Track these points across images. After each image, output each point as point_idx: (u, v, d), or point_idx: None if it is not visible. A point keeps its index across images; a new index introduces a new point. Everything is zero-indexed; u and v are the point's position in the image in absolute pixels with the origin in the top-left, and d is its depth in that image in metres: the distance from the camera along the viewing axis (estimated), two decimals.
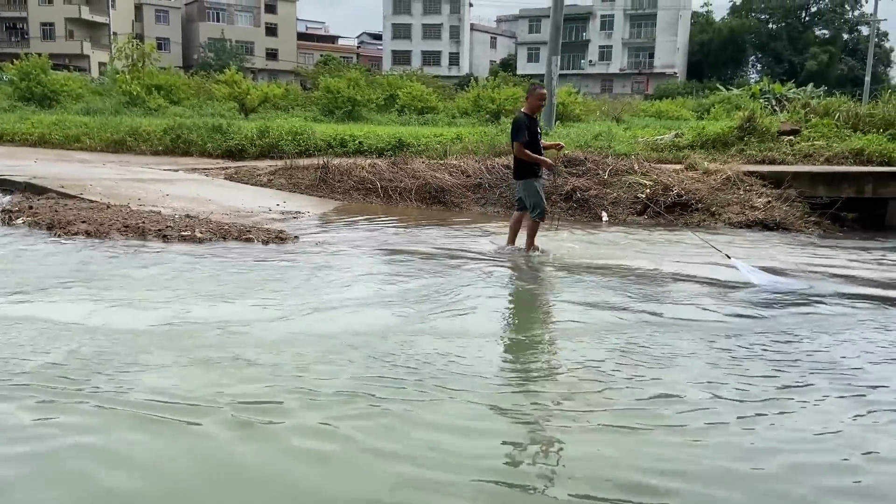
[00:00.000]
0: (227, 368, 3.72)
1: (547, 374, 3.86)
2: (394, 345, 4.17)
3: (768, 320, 5.00)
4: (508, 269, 6.54)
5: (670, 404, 3.42)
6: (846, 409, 3.44)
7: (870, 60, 42.55)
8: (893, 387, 3.78)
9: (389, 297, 5.32)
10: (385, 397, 3.41)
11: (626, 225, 9.51)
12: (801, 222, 9.29)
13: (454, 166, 11.52)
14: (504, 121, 19.07)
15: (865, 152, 11.66)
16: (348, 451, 2.90)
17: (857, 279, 6.47)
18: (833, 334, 4.70)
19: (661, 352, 4.20)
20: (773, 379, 3.80)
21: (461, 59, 68.35)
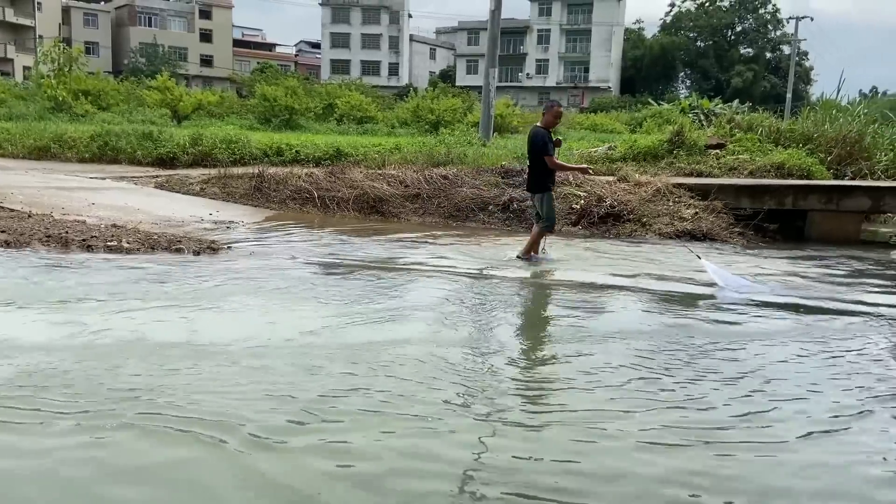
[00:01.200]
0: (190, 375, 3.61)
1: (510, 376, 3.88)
2: (338, 356, 4.12)
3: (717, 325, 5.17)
4: (448, 278, 6.55)
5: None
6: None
7: (791, 78, 44.71)
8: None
9: (328, 308, 5.26)
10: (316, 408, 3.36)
11: (561, 235, 9.66)
12: (726, 233, 9.63)
13: (393, 176, 11.50)
14: (444, 131, 19.18)
15: (786, 166, 12.19)
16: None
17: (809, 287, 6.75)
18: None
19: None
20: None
21: (401, 69, 68.47)
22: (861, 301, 6.22)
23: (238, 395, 3.51)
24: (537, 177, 7.36)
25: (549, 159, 7.19)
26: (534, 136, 7.31)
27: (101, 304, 5.01)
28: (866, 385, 4.03)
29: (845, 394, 3.88)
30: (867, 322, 5.54)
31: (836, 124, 13.88)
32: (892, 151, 13.62)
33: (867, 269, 7.99)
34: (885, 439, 3.34)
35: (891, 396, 3.88)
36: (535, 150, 7.26)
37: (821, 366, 4.39)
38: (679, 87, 65.48)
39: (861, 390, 3.94)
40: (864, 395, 3.87)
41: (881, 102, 24.55)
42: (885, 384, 4.07)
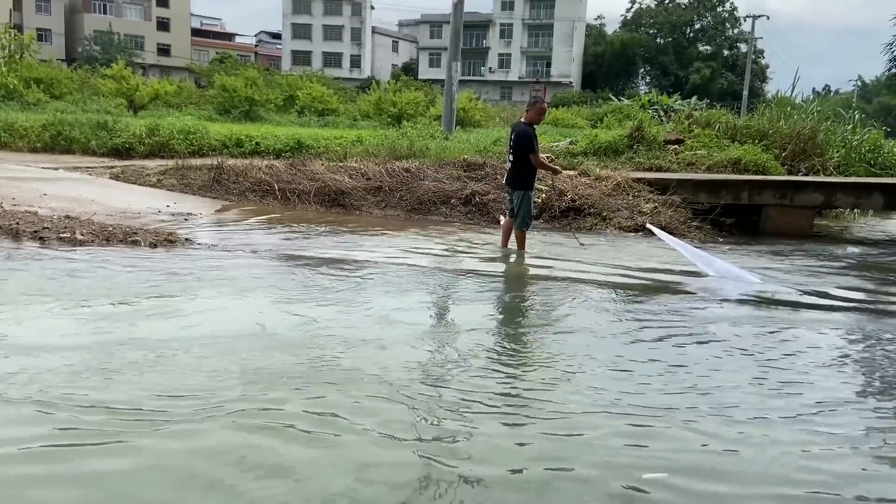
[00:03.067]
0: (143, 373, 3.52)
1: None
2: (297, 347, 4.08)
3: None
4: (410, 272, 6.53)
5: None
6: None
7: (747, 76, 45.66)
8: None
9: (289, 300, 5.19)
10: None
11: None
12: (684, 227, 9.79)
13: (354, 169, 11.42)
14: (406, 125, 19.13)
15: (742, 161, 12.45)
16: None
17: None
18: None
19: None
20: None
21: (363, 61, 67.97)
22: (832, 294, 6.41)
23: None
24: (519, 174, 7.34)
25: (535, 157, 7.17)
26: (519, 133, 7.26)
27: (45, 299, 4.86)
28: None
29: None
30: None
31: (791, 121, 14.22)
32: (844, 148, 14.05)
33: (825, 263, 8.22)
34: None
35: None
36: (520, 147, 7.21)
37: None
38: (639, 82, 66.35)
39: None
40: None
41: (833, 100, 25.27)
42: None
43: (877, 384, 4.10)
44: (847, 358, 4.56)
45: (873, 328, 5.33)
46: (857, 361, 4.53)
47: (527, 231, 7.61)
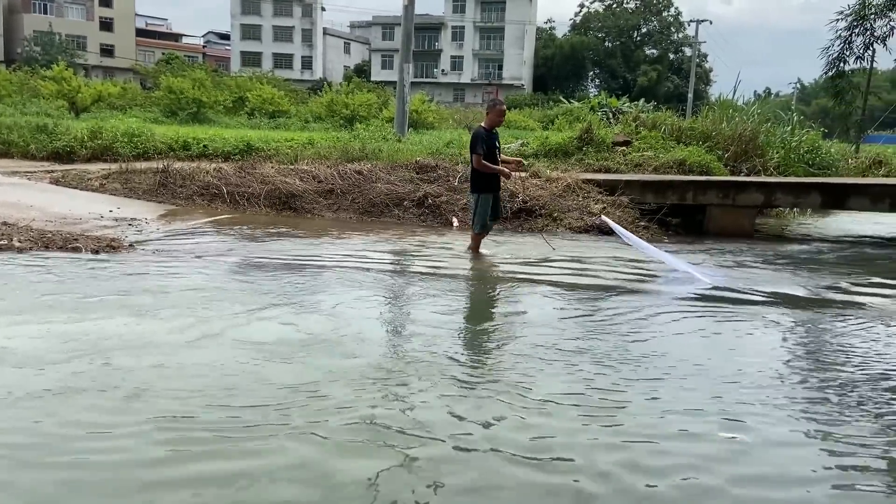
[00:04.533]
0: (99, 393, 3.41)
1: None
2: (248, 356, 4.02)
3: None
4: (362, 275, 6.50)
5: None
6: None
7: (692, 79, 46.84)
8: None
9: (238, 308, 5.11)
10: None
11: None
12: (632, 227, 9.95)
13: (306, 171, 11.31)
14: (359, 126, 19.03)
15: (687, 162, 12.76)
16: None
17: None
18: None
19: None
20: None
21: (314, 63, 67.37)
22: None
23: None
24: (472, 177, 7.39)
25: (476, 159, 7.14)
26: (471, 136, 7.35)
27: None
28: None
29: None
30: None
31: (733, 123, 14.64)
32: (783, 149, 14.51)
33: (763, 259, 8.49)
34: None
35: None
36: (470, 148, 7.29)
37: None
38: (589, 85, 67.45)
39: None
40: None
41: (773, 103, 26.12)
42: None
43: (795, 375, 4.26)
44: (779, 351, 4.73)
45: (810, 323, 5.53)
46: (790, 353, 4.69)
47: (483, 234, 7.59)
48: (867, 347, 4.84)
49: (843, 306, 6.11)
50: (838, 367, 4.40)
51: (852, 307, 6.07)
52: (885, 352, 4.75)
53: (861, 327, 5.39)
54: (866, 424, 3.49)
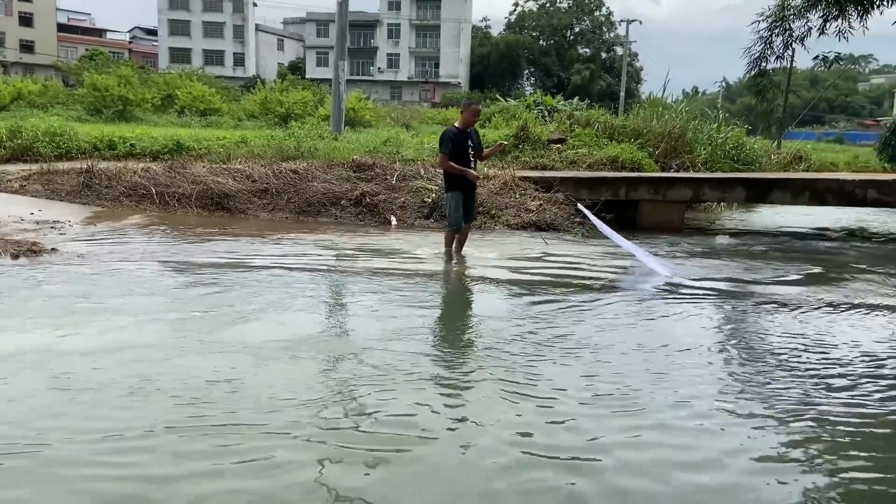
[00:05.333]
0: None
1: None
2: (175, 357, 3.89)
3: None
4: (299, 274, 6.40)
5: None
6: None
7: (623, 77, 47.92)
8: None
9: (171, 313, 4.95)
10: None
11: (414, 228, 9.76)
12: (568, 223, 10.16)
13: (239, 171, 11.06)
14: (294, 125, 18.72)
15: (620, 159, 13.07)
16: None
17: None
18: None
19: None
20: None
21: (247, 59, 65.91)
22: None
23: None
24: (444, 175, 7.43)
25: (441, 157, 7.19)
26: (441, 134, 7.36)
27: None
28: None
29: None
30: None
31: (663, 121, 15.07)
32: (710, 146, 15.04)
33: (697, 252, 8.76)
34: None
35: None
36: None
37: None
38: (524, 83, 68.20)
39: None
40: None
41: (701, 101, 27.00)
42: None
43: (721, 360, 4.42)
44: (710, 339, 4.90)
45: (742, 312, 5.74)
46: (721, 342, 4.86)
47: (455, 232, 7.46)
48: (786, 334, 5.05)
49: (765, 296, 6.36)
50: (759, 352, 4.58)
51: (774, 297, 6.33)
52: (803, 338, 4.97)
53: (781, 316, 5.63)
54: (786, 404, 3.64)
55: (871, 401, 3.81)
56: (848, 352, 4.71)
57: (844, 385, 4.05)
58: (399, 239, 8.80)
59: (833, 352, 4.70)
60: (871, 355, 4.65)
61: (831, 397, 3.84)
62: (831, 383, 4.06)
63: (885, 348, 4.85)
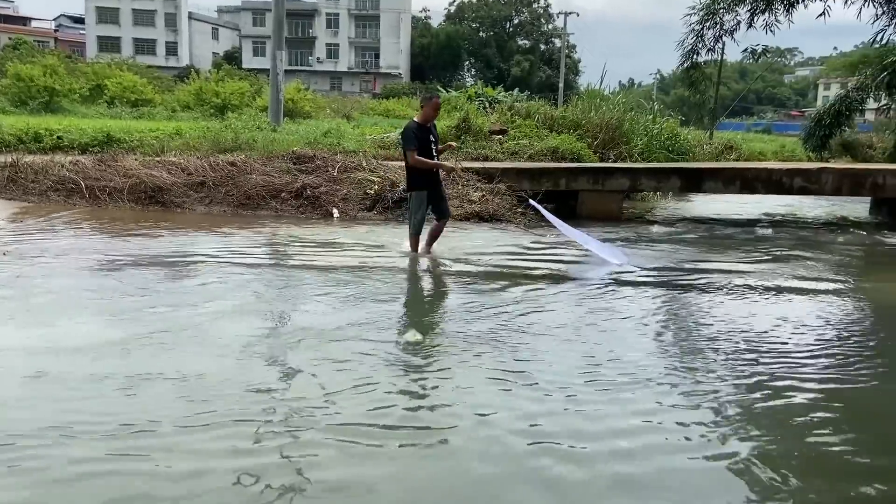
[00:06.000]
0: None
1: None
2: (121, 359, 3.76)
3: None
4: (243, 270, 6.26)
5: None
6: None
7: (562, 69, 48.53)
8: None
9: (108, 312, 4.78)
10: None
11: (357, 221, 9.68)
12: (510, 213, 10.24)
13: (173, 163, 10.75)
14: (230, 116, 18.30)
15: (560, 150, 13.24)
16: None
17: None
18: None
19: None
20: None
21: (180, 49, 63.94)
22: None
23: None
24: (407, 174, 7.03)
25: (410, 155, 6.70)
26: (402, 132, 7.00)
27: None
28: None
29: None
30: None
31: (600, 112, 15.31)
32: (646, 136, 15.37)
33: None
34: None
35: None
36: (402, 147, 6.90)
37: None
38: (465, 75, 68.36)
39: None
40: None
41: (637, 92, 27.66)
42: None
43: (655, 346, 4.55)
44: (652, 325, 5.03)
45: (679, 300, 5.91)
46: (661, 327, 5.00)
47: (418, 235, 7.15)
48: (720, 317, 5.24)
49: (700, 281, 6.57)
50: (695, 334, 4.74)
51: (708, 282, 6.54)
52: (735, 322, 5.16)
53: (714, 300, 5.83)
54: (720, 384, 3.78)
55: (794, 374, 4.00)
56: (789, 331, 4.92)
57: (772, 361, 4.22)
58: (335, 231, 8.72)
59: (775, 332, 4.91)
60: (799, 333, 4.87)
61: (758, 374, 4.00)
62: (763, 360, 4.23)
63: (811, 328, 5.09)
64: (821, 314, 5.64)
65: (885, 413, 3.71)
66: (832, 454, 3.17)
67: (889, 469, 3.08)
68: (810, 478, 2.95)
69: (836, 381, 4.04)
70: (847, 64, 28.34)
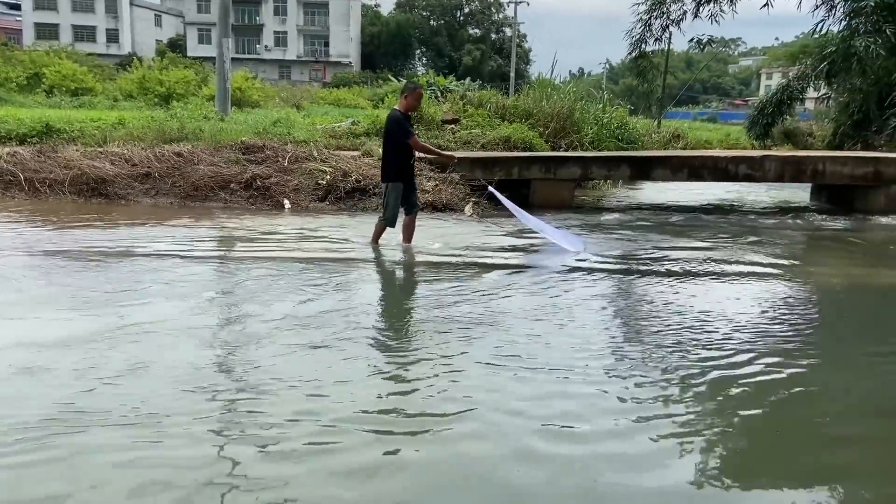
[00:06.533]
0: None
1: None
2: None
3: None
4: (190, 262, 6.12)
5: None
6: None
7: (513, 58, 48.78)
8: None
9: (57, 305, 4.61)
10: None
11: (309, 211, 9.56)
12: (463, 203, 10.26)
13: (117, 154, 10.44)
14: (176, 105, 17.83)
15: (512, 139, 13.29)
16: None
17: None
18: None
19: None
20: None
21: (121, 36, 61.97)
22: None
23: None
24: (387, 164, 6.83)
25: (414, 141, 6.64)
26: (388, 120, 6.83)
27: None
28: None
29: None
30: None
31: (551, 101, 15.42)
32: (596, 125, 15.55)
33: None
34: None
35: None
36: (391, 136, 6.72)
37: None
38: (417, 63, 68.05)
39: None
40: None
41: (587, 82, 27.97)
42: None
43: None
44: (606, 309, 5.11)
45: (634, 285, 6.02)
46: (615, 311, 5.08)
47: (387, 226, 7.00)
48: (674, 301, 5.35)
49: (653, 267, 6.69)
50: (649, 317, 4.83)
51: (662, 268, 6.67)
52: (685, 307, 5.28)
53: (668, 285, 5.95)
54: (665, 367, 3.87)
55: (734, 355, 4.12)
56: (731, 316, 5.06)
57: (716, 343, 4.34)
58: (290, 223, 8.60)
59: (723, 312, 5.04)
60: (743, 314, 5.01)
61: (704, 354, 4.10)
62: (709, 343, 4.34)
63: (755, 312, 5.24)
64: (766, 296, 5.83)
65: (823, 386, 3.86)
66: (772, 423, 3.34)
67: (831, 438, 3.20)
68: (748, 443, 3.07)
69: (778, 356, 4.20)
70: (788, 54, 29.19)
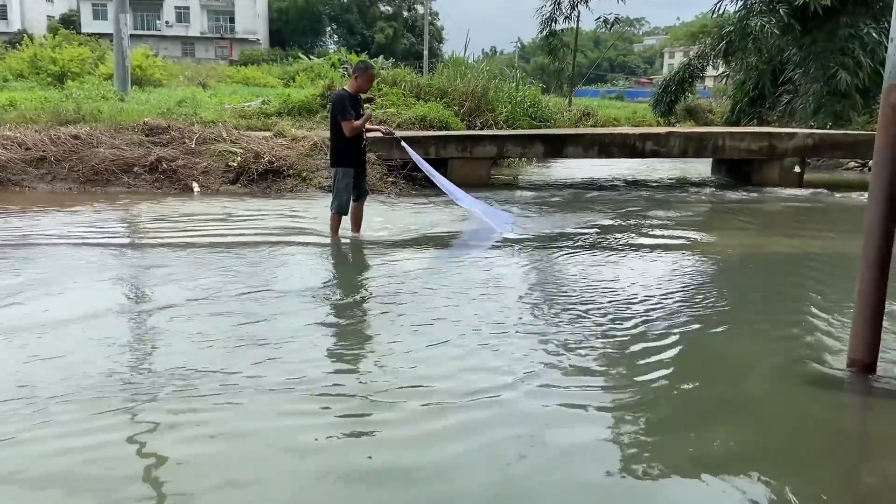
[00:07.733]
0: None
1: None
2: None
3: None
4: (100, 250, 5.81)
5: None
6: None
7: (426, 37, 48.40)
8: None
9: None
10: None
11: (220, 195, 9.25)
12: (381, 183, 10.17)
13: (8, 138, 9.79)
14: (71, 84, 16.85)
15: (428, 118, 13.25)
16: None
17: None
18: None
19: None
20: None
21: (10, 12, 57.70)
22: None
23: None
24: (336, 148, 6.50)
25: (347, 123, 6.20)
26: (332, 101, 6.50)
27: None
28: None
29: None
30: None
31: (466, 80, 15.45)
32: (510, 104, 15.72)
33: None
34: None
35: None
36: (332, 116, 6.37)
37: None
38: (328, 41, 66.65)
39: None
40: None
41: (500, 60, 28.18)
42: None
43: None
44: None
45: (552, 259, 6.16)
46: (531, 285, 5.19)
47: (342, 214, 6.66)
48: (590, 277, 5.51)
49: (571, 241, 6.87)
50: (565, 294, 4.96)
51: (579, 243, 6.86)
52: (604, 276, 5.45)
53: (585, 257, 6.13)
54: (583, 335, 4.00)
55: (646, 318, 4.30)
56: (645, 282, 5.26)
57: (631, 315, 4.51)
58: (200, 206, 8.31)
59: (635, 281, 5.24)
60: (653, 284, 5.23)
61: (619, 325, 4.26)
62: (620, 314, 4.51)
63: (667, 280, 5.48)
64: (673, 265, 6.10)
65: (729, 351, 4.08)
66: (683, 391, 3.49)
67: (727, 400, 3.39)
68: (659, 410, 3.21)
69: (686, 324, 4.40)
70: (689, 34, 30.30)
